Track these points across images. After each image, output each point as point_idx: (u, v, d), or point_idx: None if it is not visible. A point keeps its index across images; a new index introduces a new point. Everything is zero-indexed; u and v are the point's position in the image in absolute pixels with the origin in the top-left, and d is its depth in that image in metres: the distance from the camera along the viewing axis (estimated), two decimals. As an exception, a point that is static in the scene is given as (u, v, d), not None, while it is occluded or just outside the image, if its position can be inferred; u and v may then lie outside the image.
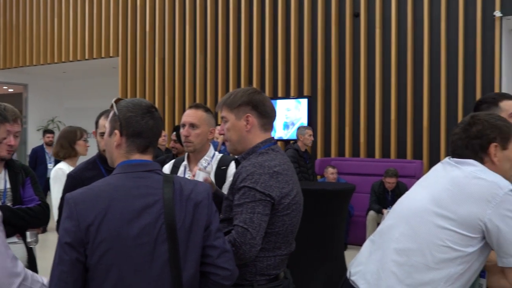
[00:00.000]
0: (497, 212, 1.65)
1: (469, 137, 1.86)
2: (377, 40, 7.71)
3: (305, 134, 6.56)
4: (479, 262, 1.73)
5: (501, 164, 1.84)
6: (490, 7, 6.96)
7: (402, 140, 7.55)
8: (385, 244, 1.84)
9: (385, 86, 7.69)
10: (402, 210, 1.88)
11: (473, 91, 7.07)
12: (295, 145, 6.55)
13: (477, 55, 7.06)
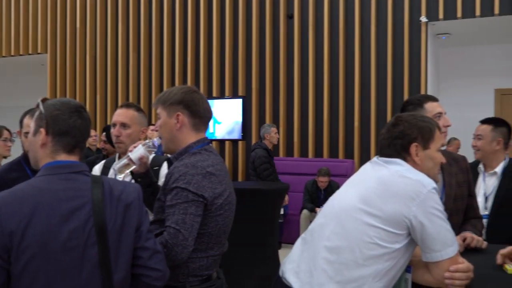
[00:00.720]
0: (421, 209, 1.71)
1: (392, 137, 1.93)
2: (310, 41, 7.85)
3: (271, 132, 6.54)
4: (405, 258, 1.79)
5: (423, 163, 1.91)
6: (417, 13, 7.26)
7: (334, 140, 7.72)
8: (316, 242, 1.87)
9: (318, 86, 7.85)
10: (332, 208, 1.92)
11: (401, 92, 7.35)
12: (263, 144, 6.49)
13: (405, 58, 7.34)
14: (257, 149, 6.37)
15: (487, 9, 6.85)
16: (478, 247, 2.34)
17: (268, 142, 6.47)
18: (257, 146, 6.46)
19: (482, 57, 8.95)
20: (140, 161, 2.19)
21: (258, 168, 6.22)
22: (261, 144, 6.45)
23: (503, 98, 8.89)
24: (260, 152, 6.26)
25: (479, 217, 2.66)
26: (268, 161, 6.26)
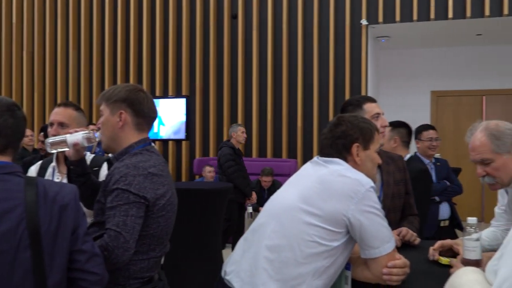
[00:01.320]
0: (359, 207, 1.75)
1: (334, 137, 1.96)
2: (254, 42, 7.88)
3: (238, 132, 6.50)
4: (344, 256, 1.83)
5: (363, 163, 1.96)
6: (357, 16, 7.44)
7: (278, 140, 7.79)
8: (257, 242, 1.87)
9: (262, 86, 7.89)
10: (273, 207, 1.93)
11: (343, 93, 7.50)
12: (230, 143, 6.45)
13: (346, 59, 7.50)
14: (224, 148, 6.38)
15: (423, 14, 7.11)
16: (411, 241, 2.41)
17: (235, 141, 6.48)
18: (224, 145, 6.47)
19: (419, 60, 9.29)
20: (74, 147, 2.11)
21: (223, 165, 6.23)
22: (227, 143, 6.46)
23: (438, 100, 9.26)
24: (226, 150, 6.27)
25: (415, 214, 2.75)
26: (233, 159, 6.27)
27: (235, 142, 6.46)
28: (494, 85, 8.94)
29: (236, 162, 6.29)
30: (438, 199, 4.38)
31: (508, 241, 1.42)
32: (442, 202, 4.41)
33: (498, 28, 7.59)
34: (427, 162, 4.49)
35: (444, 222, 4.37)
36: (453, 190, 4.46)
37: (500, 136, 2.00)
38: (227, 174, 6.23)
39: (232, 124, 6.84)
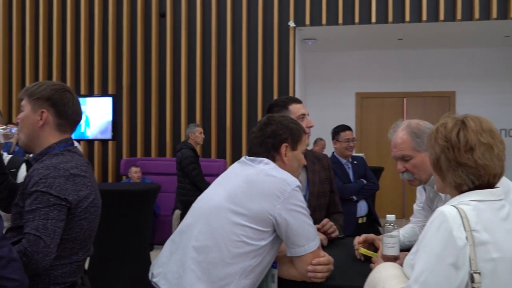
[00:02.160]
0: (285, 206, 1.78)
1: (264, 136, 1.98)
2: (183, 41, 7.82)
3: (196, 132, 6.33)
4: (271, 254, 1.85)
5: (290, 163, 2.00)
6: (285, 18, 7.55)
7: (207, 140, 7.76)
8: (184, 243, 1.85)
9: (190, 86, 7.84)
10: (200, 208, 1.92)
11: (271, 93, 7.59)
12: (189, 144, 6.27)
13: (274, 61, 7.60)
14: (184, 150, 6.20)
15: (348, 18, 7.33)
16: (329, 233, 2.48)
17: (193, 142, 6.33)
18: (183, 146, 6.29)
19: (345, 62, 9.57)
20: None
21: (186, 168, 6.04)
22: (187, 144, 6.30)
23: (363, 101, 9.59)
24: (187, 152, 6.09)
25: (340, 212, 2.84)
26: (195, 161, 6.12)
27: (193, 143, 6.35)
28: (414, 87, 9.38)
29: (197, 164, 6.18)
30: (356, 198, 4.51)
31: (423, 236, 1.50)
32: (360, 200, 4.55)
33: (418, 33, 7.96)
34: (344, 162, 4.63)
35: (362, 219, 4.53)
36: (369, 188, 4.61)
37: (421, 135, 2.10)
38: (191, 177, 6.07)
39: (189, 125, 6.74)
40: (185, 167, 6.05)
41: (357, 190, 4.52)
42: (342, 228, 2.74)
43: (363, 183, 4.58)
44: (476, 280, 1.40)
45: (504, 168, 1.58)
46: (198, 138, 6.39)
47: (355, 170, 4.65)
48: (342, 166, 4.64)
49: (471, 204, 1.49)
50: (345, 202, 4.50)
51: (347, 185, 4.51)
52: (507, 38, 8.39)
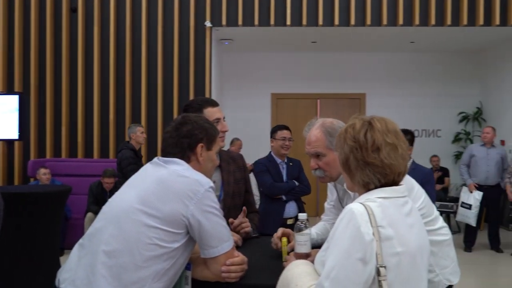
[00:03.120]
0: (199, 207, 1.76)
1: (180, 135, 1.95)
2: (96, 38, 7.57)
3: (137, 132, 6.03)
4: (184, 256, 1.83)
5: (205, 163, 1.99)
6: (202, 17, 7.52)
7: (121, 139, 7.57)
8: (94, 247, 1.78)
9: (104, 85, 7.61)
10: (111, 211, 1.86)
11: (187, 93, 7.54)
12: (130, 145, 5.93)
13: (190, 60, 7.55)
14: (124, 150, 5.95)
15: (264, 19, 7.43)
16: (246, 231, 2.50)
17: (134, 142, 6.07)
18: (124, 147, 6.04)
19: (261, 63, 9.69)
20: None
21: (125, 169, 5.77)
22: (127, 145, 6.03)
23: (278, 102, 9.75)
24: (127, 153, 5.83)
25: (256, 211, 2.86)
26: (135, 162, 5.85)
27: (135, 143, 6.12)
28: (327, 89, 9.67)
29: (138, 166, 5.95)
30: (285, 198, 4.56)
31: (333, 233, 1.54)
32: (289, 201, 4.60)
33: (331, 36, 8.22)
34: (279, 161, 4.66)
35: (291, 220, 4.55)
36: (301, 190, 4.64)
37: (334, 134, 2.16)
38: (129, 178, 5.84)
39: (130, 125, 6.49)
40: (124, 168, 5.87)
41: (287, 190, 4.55)
42: (257, 227, 2.76)
43: (294, 184, 4.61)
44: (382, 273, 1.46)
45: (407, 166, 1.66)
46: (139, 138, 6.22)
47: (289, 171, 4.68)
48: (277, 165, 4.66)
49: (377, 201, 1.55)
50: (274, 201, 4.54)
51: (277, 184, 4.54)
52: (413, 43, 8.88)
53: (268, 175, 4.57)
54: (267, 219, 4.45)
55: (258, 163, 4.73)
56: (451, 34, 8.08)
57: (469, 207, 6.92)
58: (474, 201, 6.92)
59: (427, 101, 9.73)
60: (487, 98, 9.57)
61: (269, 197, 4.56)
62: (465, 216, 6.98)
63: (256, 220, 2.79)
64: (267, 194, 4.58)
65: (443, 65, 9.76)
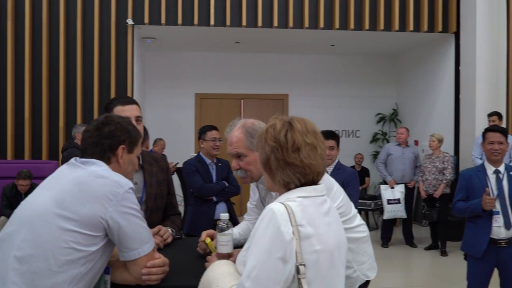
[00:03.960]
0: (118, 209, 1.72)
1: (101, 136, 1.90)
2: (9, 34, 7.18)
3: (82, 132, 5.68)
4: (102, 260, 1.77)
5: (125, 166, 1.94)
6: (123, 15, 7.34)
7: (37, 140, 7.25)
8: (5, 253, 1.69)
9: (18, 82, 7.23)
10: (23, 214, 1.76)
11: (108, 92, 7.33)
12: (75, 144, 5.67)
13: (111, 59, 7.35)
14: (70, 149, 5.67)
15: (188, 19, 7.38)
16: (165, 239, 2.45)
17: (79, 142, 5.73)
18: (70, 146, 5.75)
19: (185, 63, 9.62)
20: None
21: None
22: (73, 144, 5.72)
23: (202, 102, 9.72)
24: (74, 152, 5.50)
25: (178, 213, 2.83)
26: None
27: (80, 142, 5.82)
28: (251, 89, 9.76)
29: None
30: (216, 199, 4.55)
31: (254, 233, 1.56)
32: (220, 202, 4.59)
33: (254, 37, 8.30)
34: (208, 162, 4.64)
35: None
36: (231, 191, 4.65)
37: (255, 134, 2.18)
38: None
39: (75, 124, 6.14)
40: None
41: (217, 191, 4.54)
42: (180, 228, 2.74)
43: (224, 185, 4.60)
44: (301, 271, 1.49)
45: (325, 166, 1.71)
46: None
47: (218, 172, 4.66)
48: (206, 166, 4.63)
49: (297, 200, 1.58)
50: (204, 202, 4.52)
51: (207, 185, 4.52)
52: (333, 46, 9.15)
53: (198, 176, 4.55)
54: (198, 221, 4.44)
55: (188, 164, 4.69)
56: (369, 38, 8.41)
57: (398, 201, 7.23)
58: (400, 194, 7.26)
59: (347, 102, 10.07)
60: (402, 100, 10.04)
61: (199, 198, 4.54)
62: (396, 212, 7.26)
63: (179, 222, 2.77)
64: (197, 196, 4.55)
65: (362, 67, 10.14)
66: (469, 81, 7.54)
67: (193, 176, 4.56)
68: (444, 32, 7.97)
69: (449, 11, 7.93)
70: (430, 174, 7.00)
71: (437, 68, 8.67)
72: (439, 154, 7.06)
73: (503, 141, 3.71)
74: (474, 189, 3.72)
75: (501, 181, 3.68)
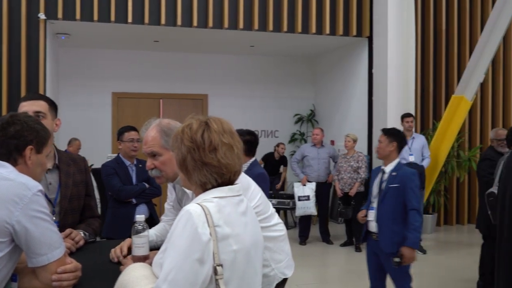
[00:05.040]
0: (25, 213, 1.63)
1: (6, 136, 1.80)
2: None
3: None
4: (8, 267, 1.67)
5: (33, 167, 1.85)
6: (35, 9, 7.00)
7: None
8: None
9: None
10: None
11: (18, 90, 6.96)
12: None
13: (22, 55, 6.98)
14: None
15: (104, 15, 7.16)
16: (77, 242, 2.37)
17: None
18: None
19: (101, 61, 9.33)
20: None
21: None
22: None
23: (119, 101, 9.48)
24: None
25: (96, 216, 2.74)
26: None
27: None
28: (170, 89, 9.65)
29: None
30: (135, 201, 4.44)
31: (171, 235, 1.54)
32: (140, 204, 4.48)
33: (174, 36, 8.21)
34: (128, 163, 4.52)
35: None
36: (151, 192, 4.55)
37: (170, 134, 2.15)
38: None
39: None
40: None
41: (137, 193, 4.43)
42: (96, 231, 2.65)
43: (144, 186, 4.49)
44: (219, 272, 1.50)
45: (242, 165, 1.72)
46: None
47: (138, 173, 4.55)
48: (126, 168, 4.51)
49: (214, 201, 1.58)
50: (124, 205, 4.39)
51: (126, 187, 4.40)
52: (252, 47, 9.24)
53: (117, 178, 4.43)
54: (117, 224, 4.32)
55: (106, 166, 4.55)
56: (288, 40, 8.58)
57: (308, 198, 7.42)
58: (310, 191, 7.45)
59: (266, 103, 10.21)
60: (319, 101, 10.34)
61: (118, 201, 4.42)
62: (305, 208, 7.45)
63: (96, 225, 2.68)
64: (115, 198, 4.43)
65: (281, 68, 10.32)
66: (381, 83, 7.89)
67: (112, 179, 4.45)
68: (358, 36, 8.29)
69: (363, 16, 8.26)
70: (345, 173, 7.25)
71: (352, 71, 9.01)
72: (353, 154, 7.32)
73: (382, 140, 3.99)
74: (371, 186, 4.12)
75: (381, 181, 3.96)
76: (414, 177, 3.86)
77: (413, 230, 3.70)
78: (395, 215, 3.80)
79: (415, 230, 3.71)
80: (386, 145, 3.95)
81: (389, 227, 3.82)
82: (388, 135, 3.98)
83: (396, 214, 3.80)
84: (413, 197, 3.77)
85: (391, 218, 3.83)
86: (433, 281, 5.74)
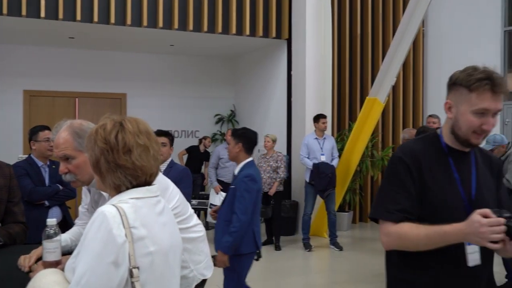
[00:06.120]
0: None
1: None
2: None
3: None
4: None
5: None
6: None
7: None
8: None
9: None
10: None
11: None
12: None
13: None
14: None
15: (14, 9, 6.80)
16: None
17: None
18: None
19: (11, 56, 8.86)
20: None
21: None
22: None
23: (32, 99, 9.04)
24: None
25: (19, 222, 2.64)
26: None
27: None
28: (87, 87, 9.33)
29: None
30: (48, 203, 4.25)
31: (84, 238, 1.49)
32: (53, 206, 4.30)
33: (90, 33, 7.94)
34: (40, 164, 4.32)
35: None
36: (65, 194, 4.37)
37: (83, 135, 2.09)
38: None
39: None
40: None
41: (49, 195, 4.24)
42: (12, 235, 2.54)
43: (58, 188, 4.31)
44: (135, 274, 1.47)
45: (159, 167, 1.70)
46: None
47: (52, 174, 4.35)
48: (38, 169, 4.30)
49: (130, 202, 1.55)
50: (35, 207, 4.19)
51: (38, 188, 4.20)
52: (172, 47, 9.14)
53: (28, 180, 4.23)
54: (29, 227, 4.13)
55: (17, 167, 4.32)
56: (208, 40, 8.56)
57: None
58: (219, 201, 7.47)
59: (187, 102, 10.13)
60: (240, 101, 10.40)
61: (30, 203, 4.23)
62: None
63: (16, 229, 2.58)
64: (27, 200, 4.23)
65: (201, 68, 10.29)
66: (299, 85, 8.08)
67: (23, 180, 4.24)
68: (277, 38, 8.44)
69: (282, 18, 8.41)
70: (265, 173, 7.34)
71: (271, 72, 9.15)
72: (273, 154, 7.43)
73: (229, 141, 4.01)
74: None
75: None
76: (247, 179, 3.78)
77: (229, 234, 3.63)
78: (228, 216, 3.75)
79: (230, 235, 3.62)
80: (232, 146, 3.91)
81: (222, 227, 3.77)
82: (234, 136, 3.93)
83: (229, 215, 3.74)
84: (240, 200, 3.69)
85: (224, 219, 3.79)
86: (348, 276, 5.95)
